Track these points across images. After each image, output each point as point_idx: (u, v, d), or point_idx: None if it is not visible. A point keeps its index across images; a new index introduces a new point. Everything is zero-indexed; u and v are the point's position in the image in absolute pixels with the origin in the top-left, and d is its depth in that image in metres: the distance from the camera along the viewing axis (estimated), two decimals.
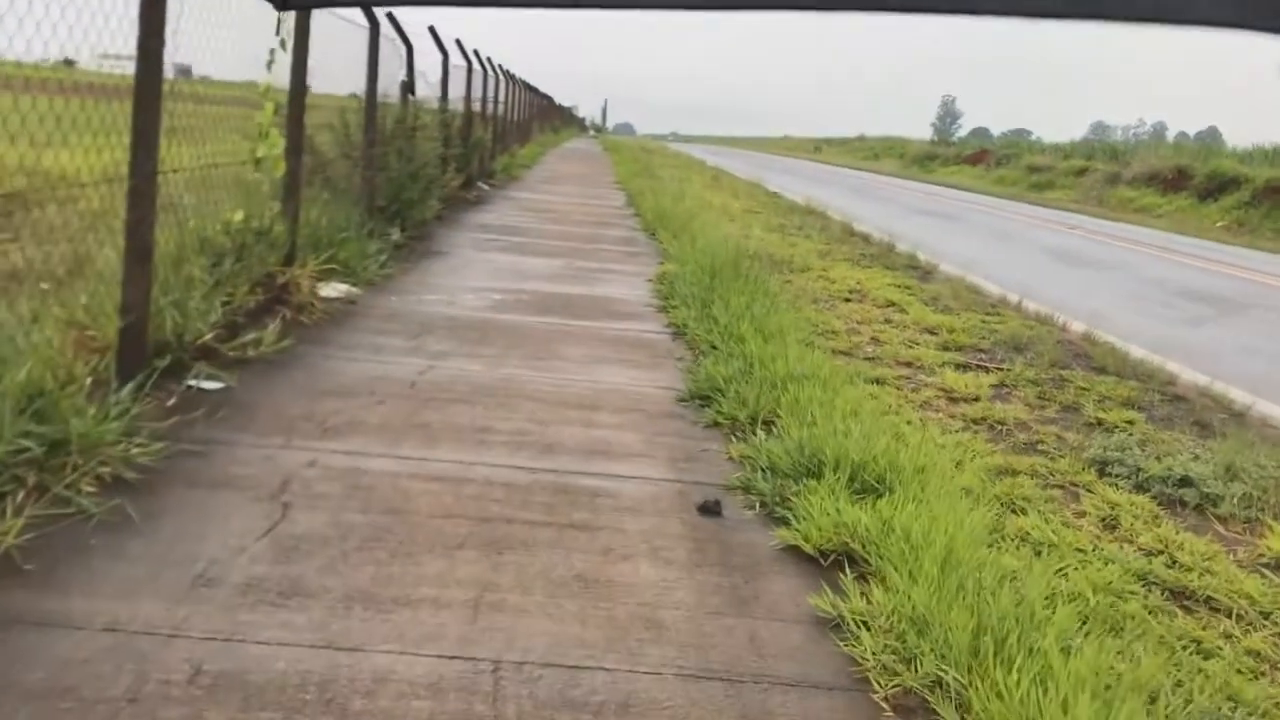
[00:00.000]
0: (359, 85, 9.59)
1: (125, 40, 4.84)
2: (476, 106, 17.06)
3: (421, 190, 9.96)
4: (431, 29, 13.00)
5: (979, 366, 6.55)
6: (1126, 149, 41.02)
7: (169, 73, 4.46)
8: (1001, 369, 6.46)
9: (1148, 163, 29.43)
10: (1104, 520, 4.04)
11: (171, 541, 3.11)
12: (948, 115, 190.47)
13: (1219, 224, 23.26)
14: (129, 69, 4.34)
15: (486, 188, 16.82)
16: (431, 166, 10.61)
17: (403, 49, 10.89)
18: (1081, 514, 4.12)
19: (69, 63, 5.26)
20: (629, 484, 3.98)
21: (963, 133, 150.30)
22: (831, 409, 4.63)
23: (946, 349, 7.08)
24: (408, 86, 10.92)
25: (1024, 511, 4.02)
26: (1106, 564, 3.52)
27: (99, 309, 4.45)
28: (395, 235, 9.41)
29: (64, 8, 3.87)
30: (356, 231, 7.98)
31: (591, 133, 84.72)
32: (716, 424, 4.82)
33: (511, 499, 3.71)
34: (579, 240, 11.25)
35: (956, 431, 5.09)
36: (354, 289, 7.24)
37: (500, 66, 22.31)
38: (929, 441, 4.55)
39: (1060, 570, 3.37)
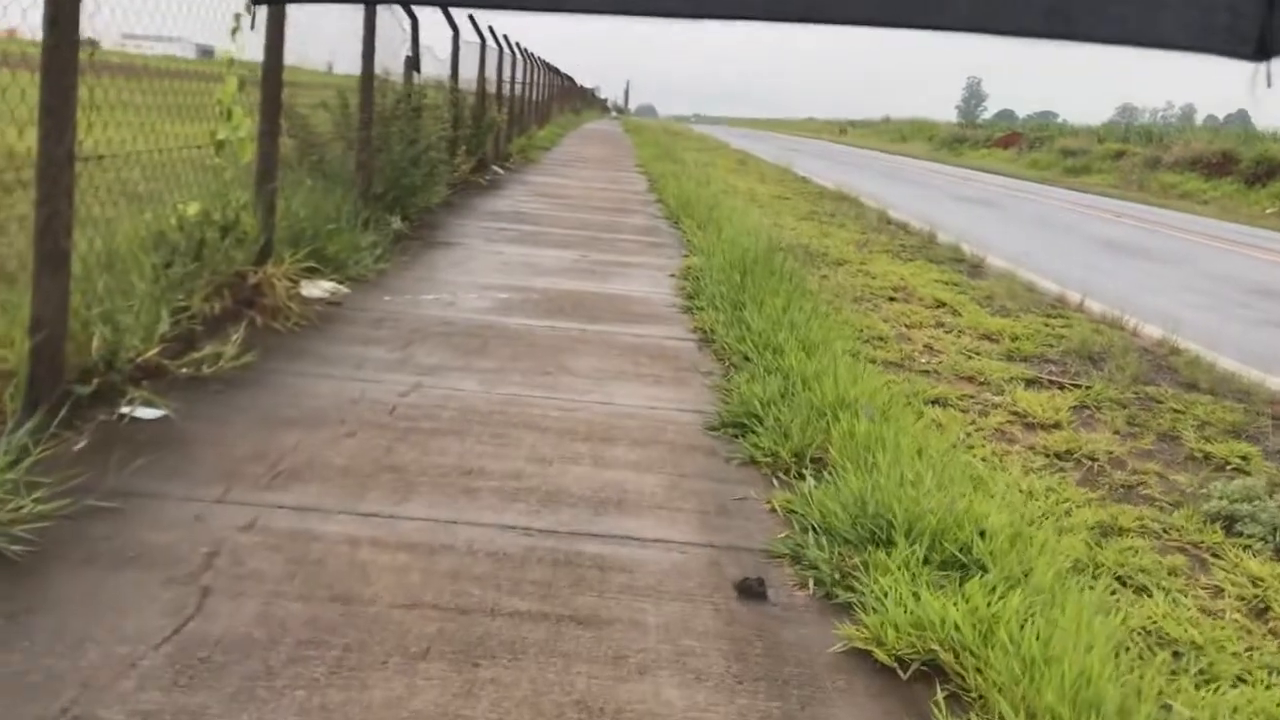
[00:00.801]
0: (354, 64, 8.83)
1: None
2: (491, 87, 16.25)
3: (425, 175, 9.16)
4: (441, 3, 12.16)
5: (1052, 383, 5.70)
6: (1163, 131, 39.74)
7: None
8: (1078, 386, 5.61)
9: (1189, 146, 28.26)
10: (1249, 603, 3.21)
11: (37, 655, 2.34)
12: (973, 97, 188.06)
13: (1269, 210, 22.15)
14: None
15: (501, 171, 16.02)
16: (438, 149, 9.80)
17: (406, 22, 10.08)
18: (1217, 591, 3.29)
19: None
20: (648, 551, 3.19)
21: (988, 115, 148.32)
22: (894, 446, 3.82)
23: (1011, 359, 6.23)
24: (412, 63, 10.11)
25: (1146, 591, 3.19)
26: (1273, 680, 2.69)
27: (8, 324, 3.69)
28: (396, 224, 8.63)
29: None
30: (349, 222, 7.20)
31: (613, 114, 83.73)
32: (753, 461, 4.02)
33: (498, 577, 2.91)
34: (596, 229, 10.44)
35: (1040, 471, 4.26)
36: (341, 287, 6.47)
37: (518, 45, 21.47)
38: (1014, 489, 3.73)
39: (1218, 691, 2.55)
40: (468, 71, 14.31)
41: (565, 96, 46.62)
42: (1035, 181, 28.00)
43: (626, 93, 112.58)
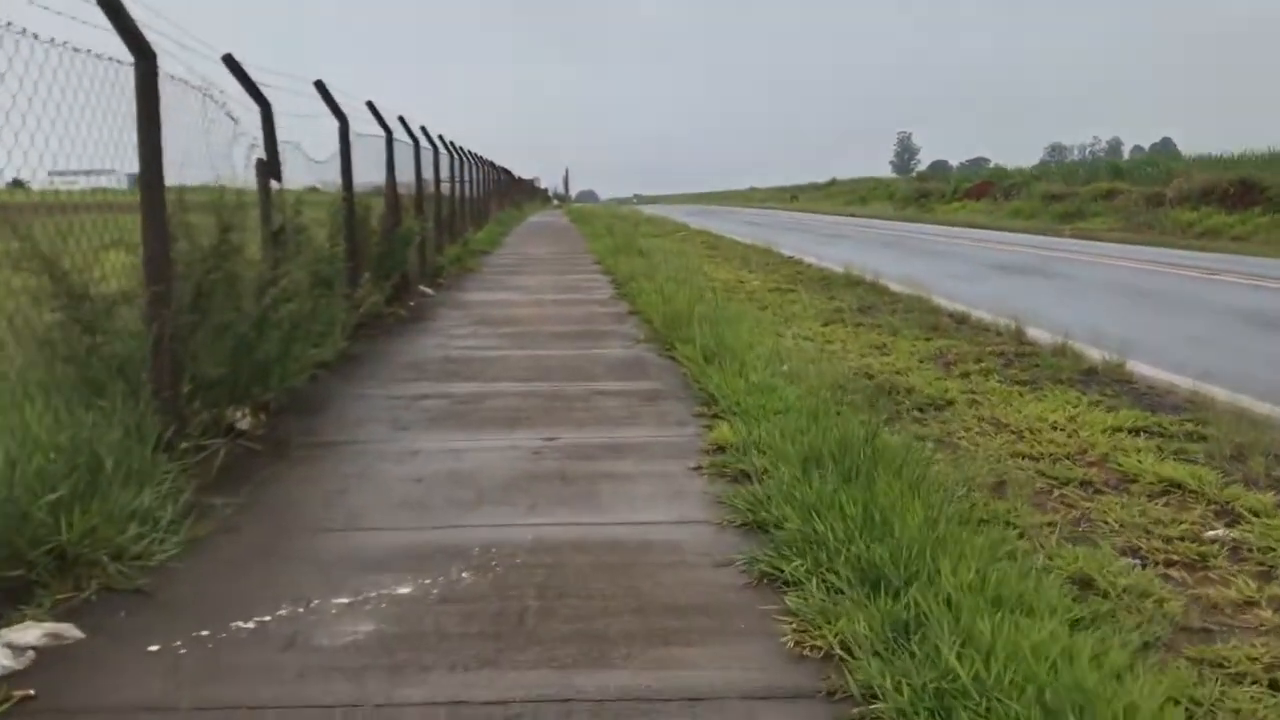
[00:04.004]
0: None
1: None
2: (408, 189, 13.11)
3: (287, 336, 5.86)
4: (319, 84, 9.02)
5: None
6: (1131, 167, 37.63)
7: None
8: None
9: (1192, 179, 25.71)
10: None
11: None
12: (905, 151, 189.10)
13: None
14: None
15: (430, 292, 12.79)
16: (304, 293, 6.55)
17: (252, 109, 6.89)
18: None
19: None
20: None
21: (921, 167, 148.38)
22: None
23: None
24: (267, 168, 6.89)
25: None
26: None
27: None
28: (241, 422, 5.37)
29: None
30: (122, 457, 3.93)
31: (555, 203, 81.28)
32: None
33: None
34: (560, 375, 7.18)
35: None
36: (66, 631, 3.16)
37: (442, 138, 18.43)
38: None
39: None
40: (366, 173, 11.15)
41: (505, 191, 43.83)
42: (1037, 234, 25.17)
43: (566, 181, 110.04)
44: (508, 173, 48.46)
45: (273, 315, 5.73)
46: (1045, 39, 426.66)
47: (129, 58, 4.66)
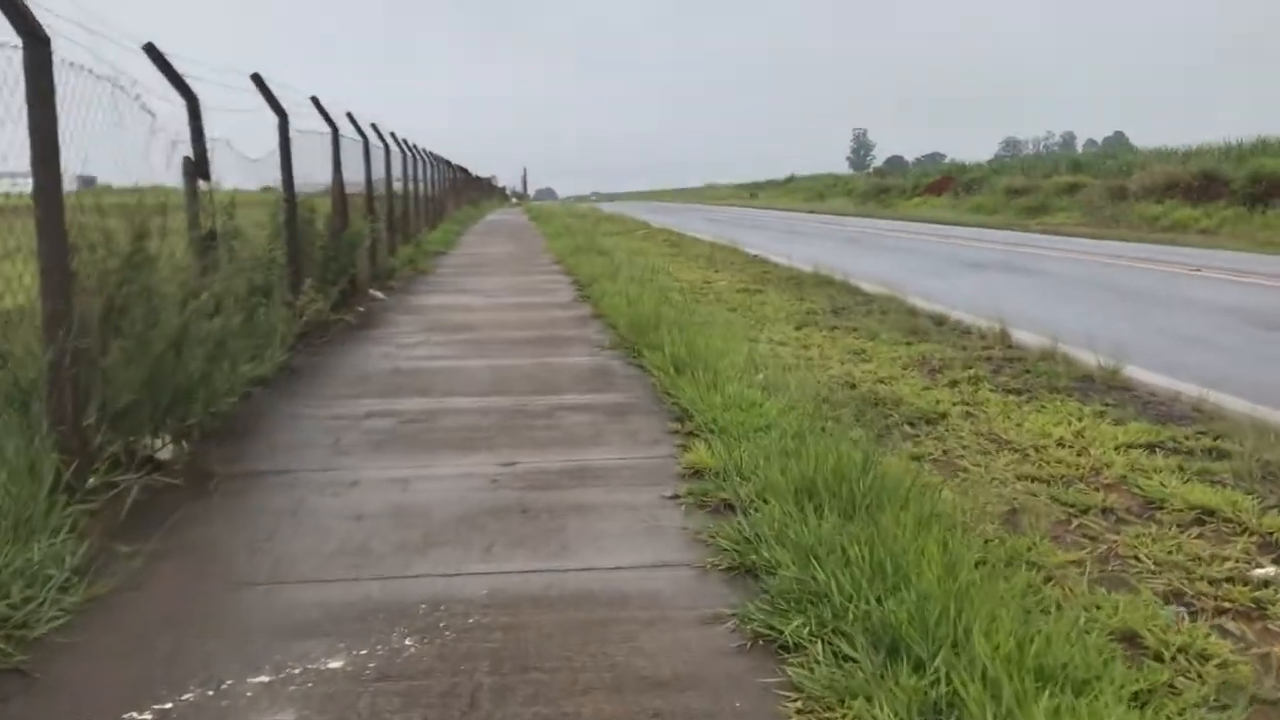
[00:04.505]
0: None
1: None
2: (356, 188, 12.48)
3: (206, 360, 5.27)
4: (256, 77, 8.39)
5: None
6: (1090, 160, 37.69)
7: None
8: None
9: (1153, 172, 25.60)
10: None
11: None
12: (861, 148, 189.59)
13: None
14: None
15: (381, 296, 12.16)
16: (238, 303, 5.96)
17: (179, 102, 6.29)
18: None
19: None
20: None
21: (877, 163, 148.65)
22: None
23: None
24: (194, 166, 6.28)
25: None
26: None
27: None
28: (162, 451, 4.80)
29: None
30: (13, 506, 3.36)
31: (514, 201, 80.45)
32: None
33: None
34: (520, 389, 6.64)
35: None
36: None
37: (394, 135, 17.78)
38: None
39: None
40: (314, 171, 10.53)
41: (462, 190, 43.07)
42: (1002, 229, 24.91)
43: (525, 179, 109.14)
44: (464, 171, 47.69)
45: (196, 331, 5.14)
46: (994, 34, 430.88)
47: (16, 40, 4.06)
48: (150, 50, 6.04)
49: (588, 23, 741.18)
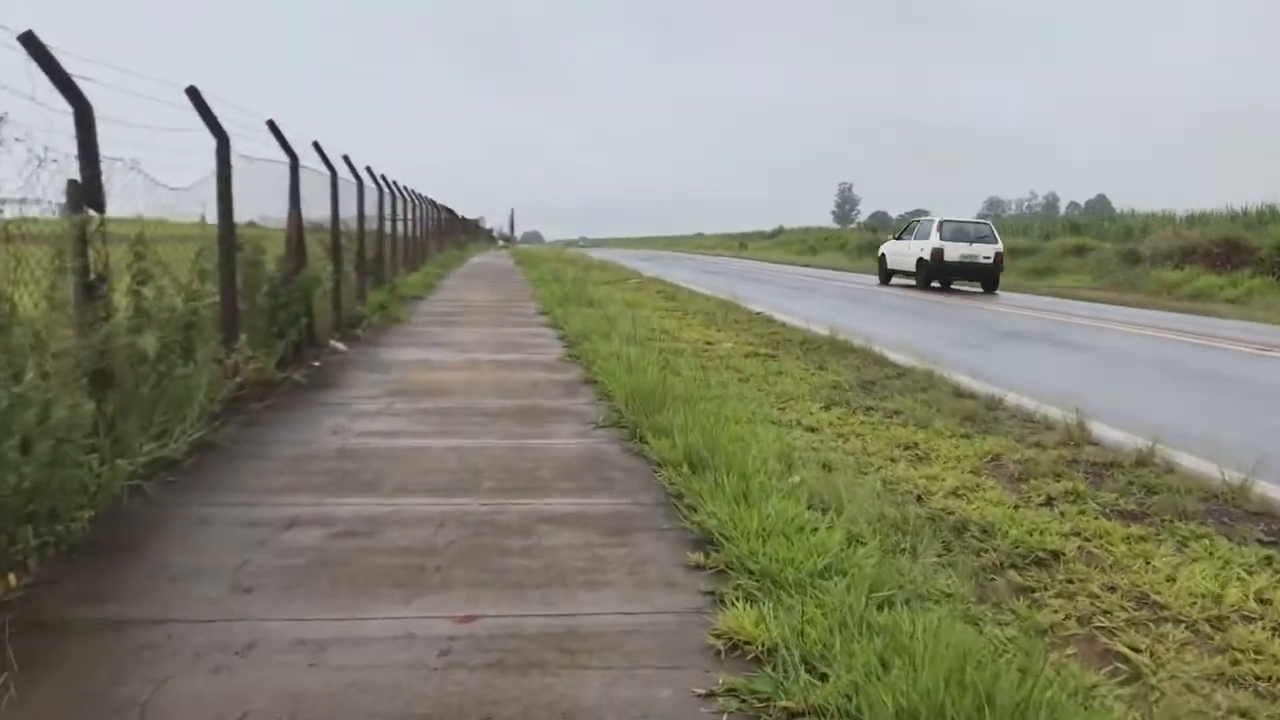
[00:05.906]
0: None
1: None
2: (316, 226, 11.12)
3: (53, 455, 3.82)
4: (191, 90, 7.01)
5: None
6: (1087, 222, 36.81)
7: None
8: None
9: (1167, 235, 24.51)
10: None
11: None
12: (846, 202, 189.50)
13: None
14: None
15: (343, 347, 10.73)
16: (136, 367, 4.53)
17: (64, 108, 4.91)
18: None
19: None
20: None
21: (862, 217, 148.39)
22: None
23: None
24: (81, 192, 4.88)
25: None
26: None
27: None
28: None
29: None
30: None
31: (500, 243, 79.22)
32: None
33: None
34: (490, 485, 5.22)
35: None
36: None
37: (370, 170, 16.46)
38: None
39: None
40: (273, 210, 9.16)
41: (446, 231, 41.80)
42: (1013, 290, 23.59)
43: (512, 221, 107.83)
44: (450, 211, 46.49)
45: (47, 416, 3.71)
46: (978, 95, 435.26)
47: None
48: (27, 41, 4.66)
49: (581, 69, 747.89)
